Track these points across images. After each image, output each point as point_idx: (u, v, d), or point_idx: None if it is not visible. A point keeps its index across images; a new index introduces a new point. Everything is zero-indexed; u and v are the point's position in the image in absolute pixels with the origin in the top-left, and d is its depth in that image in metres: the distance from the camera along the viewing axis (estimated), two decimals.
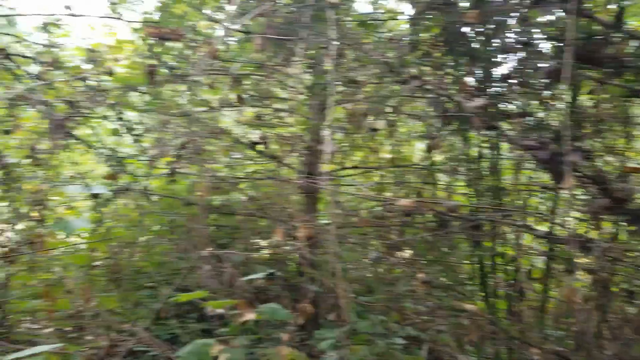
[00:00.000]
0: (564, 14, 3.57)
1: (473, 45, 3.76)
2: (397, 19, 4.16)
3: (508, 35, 3.73)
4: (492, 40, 3.71)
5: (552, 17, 3.59)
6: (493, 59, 3.75)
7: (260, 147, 4.78)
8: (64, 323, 4.40)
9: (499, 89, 3.62)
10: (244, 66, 4.74)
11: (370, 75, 3.40)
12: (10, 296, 4.32)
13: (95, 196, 4.20)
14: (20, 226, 4.84)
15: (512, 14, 3.65)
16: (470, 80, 3.62)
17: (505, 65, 3.82)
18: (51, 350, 2.76)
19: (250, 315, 3.08)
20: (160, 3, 4.97)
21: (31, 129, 4.72)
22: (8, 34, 5.28)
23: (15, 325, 4.41)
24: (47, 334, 4.45)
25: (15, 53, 2.91)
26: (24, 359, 2.69)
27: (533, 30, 3.70)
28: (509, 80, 3.71)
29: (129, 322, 4.20)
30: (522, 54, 3.63)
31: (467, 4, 3.65)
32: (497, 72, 3.81)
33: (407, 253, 4.45)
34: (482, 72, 3.71)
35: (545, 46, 3.76)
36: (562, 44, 3.47)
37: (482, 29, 3.62)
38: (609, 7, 3.47)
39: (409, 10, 4.81)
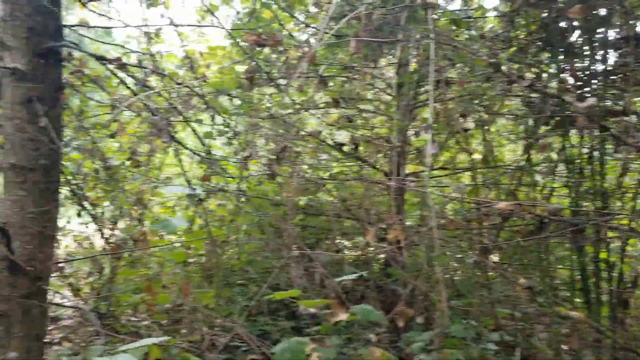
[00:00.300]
0: None
1: (573, 40, 3.61)
2: (488, 17, 4.05)
3: (611, 29, 3.55)
4: (594, 36, 3.54)
5: None
6: (595, 55, 3.58)
7: (346, 149, 4.82)
8: (163, 316, 4.63)
9: (601, 85, 3.45)
10: (329, 68, 4.79)
11: (464, 74, 3.33)
12: (115, 290, 4.59)
13: (190, 196, 4.39)
14: (121, 224, 5.15)
15: (615, 8, 3.47)
16: (570, 77, 3.47)
17: (608, 60, 3.63)
18: (158, 343, 2.91)
19: (343, 316, 3.09)
20: (248, 9, 5.13)
21: (131, 132, 5.01)
22: (105, 43, 5.62)
23: (119, 317, 4.69)
24: (146, 326, 4.70)
25: (129, 63, 3.10)
26: (133, 350, 2.86)
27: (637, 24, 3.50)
28: (612, 77, 3.52)
29: (222, 317, 4.36)
30: (626, 49, 3.44)
31: None
32: (599, 68, 3.63)
33: (497, 257, 4.33)
34: (583, 68, 3.55)
35: None
36: None
37: (583, 24, 3.46)
38: None
39: (499, 6, 4.67)
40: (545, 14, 3.31)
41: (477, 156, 4.51)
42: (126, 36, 7.91)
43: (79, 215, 5.05)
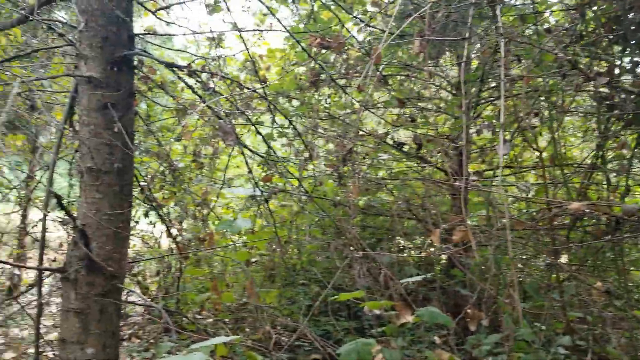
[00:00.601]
0: None
1: None
2: (556, 10, 3.92)
3: None
4: None
5: None
6: None
7: (406, 148, 4.78)
8: (227, 315, 4.74)
9: None
10: (387, 67, 4.76)
11: (532, 70, 3.23)
12: (183, 289, 4.73)
13: (253, 197, 4.46)
14: (185, 224, 5.31)
15: None
16: None
17: None
18: (228, 342, 2.97)
19: (409, 318, 3.07)
20: (306, 10, 5.16)
21: (195, 135, 5.15)
22: (168, 48, 5.79)
23: (186, 315, 4.83)
24: (211, 323, 4.83)
25: (198, 69, 3.18)
26: (204, 348, 2.93)
27: None
28: None
29: (285, 317, 4.42)
30: None
31: None
32: None
33: (566, 258, 4.17)
34: None
35: None
36: None
37: None
38: None
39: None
40: (618, 6, 3.17)
41: (543, 154, 4.36)
42: (186, 41, 8.13)
43: (146, 215, 5.25)
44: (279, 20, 3.18)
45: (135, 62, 3.44)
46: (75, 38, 3.24)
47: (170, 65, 3.23)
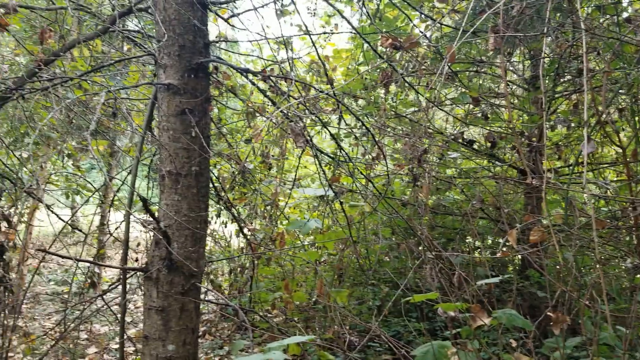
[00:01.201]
0: None
1: None
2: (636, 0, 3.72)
3: None
4: None
5: None
6: None
7: (475, 146, 4.68)
8: (298, 314, 4.81)
9: None
10: (455, 63, 4.67)
11: (611, 62, 3.08)
12: (256, 288, 4.84)
13: (323, 198, 4.50)
14: (256, 225, 5.43)
15: None
16: None
17: None
18: (304, 341, 3.01)
19: (485, 320, 3.01)
20: (371, 10, 5.15)
21: (266, 137, 5.25)
22: (232, 52, 5.91)
23: (258, 313, 4.94)
24: (282, 322, 4.91)
25: (273, 75, 3.25)
26: (279, 347, 2.99)
27: None
28: None
29: (356, 317, 4.43)
30: None
31: None
32: None
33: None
34: None
35: None
36: None
37: None
38: None
39: None
40: None
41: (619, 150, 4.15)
42: (252, 44, 8.26)
43: (218, 215, 5.41)
44: (348, 20, 3.18)
45: (210, 69, 3.55)
46: (154, 47, 3.38)
47: (245, 71, 3.31)
